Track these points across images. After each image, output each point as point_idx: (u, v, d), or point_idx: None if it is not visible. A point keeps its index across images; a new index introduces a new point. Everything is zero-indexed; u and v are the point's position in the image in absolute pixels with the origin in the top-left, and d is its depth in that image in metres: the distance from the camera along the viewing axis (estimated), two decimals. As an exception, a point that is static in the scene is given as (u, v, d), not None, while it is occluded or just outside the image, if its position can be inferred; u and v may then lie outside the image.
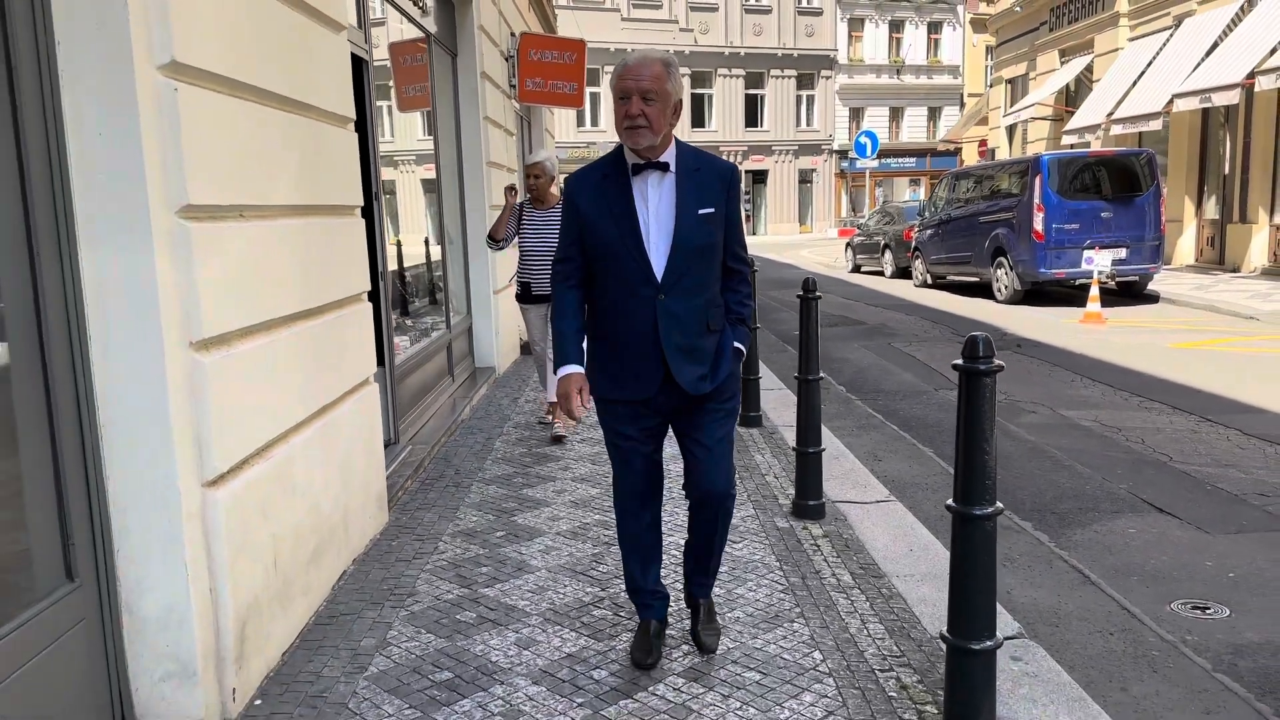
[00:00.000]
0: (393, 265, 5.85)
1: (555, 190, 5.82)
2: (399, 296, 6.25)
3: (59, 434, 2.29)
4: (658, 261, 2.68)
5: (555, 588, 3.55)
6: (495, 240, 5.89)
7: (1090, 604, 3.66)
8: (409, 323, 6.51)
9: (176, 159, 2.43)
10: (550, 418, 5.92)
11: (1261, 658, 3.21)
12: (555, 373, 2.81)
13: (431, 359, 6.60)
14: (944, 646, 2.42)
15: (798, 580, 3.55)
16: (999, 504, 2.31)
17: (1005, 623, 3.20)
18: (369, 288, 4.12)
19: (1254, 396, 6.95)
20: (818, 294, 4.33)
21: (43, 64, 2.25)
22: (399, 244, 6.28)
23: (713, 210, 2.73)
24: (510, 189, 6.09)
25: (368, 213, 4.50)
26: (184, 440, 2.46)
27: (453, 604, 3.41)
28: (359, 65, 4.82)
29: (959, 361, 2.28)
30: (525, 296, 5.86)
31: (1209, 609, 3.58)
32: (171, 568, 2.47)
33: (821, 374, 4.35)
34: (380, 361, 4.70)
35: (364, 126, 4.66)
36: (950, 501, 2.34)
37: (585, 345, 2.85)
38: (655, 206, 2.71)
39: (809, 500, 4.26)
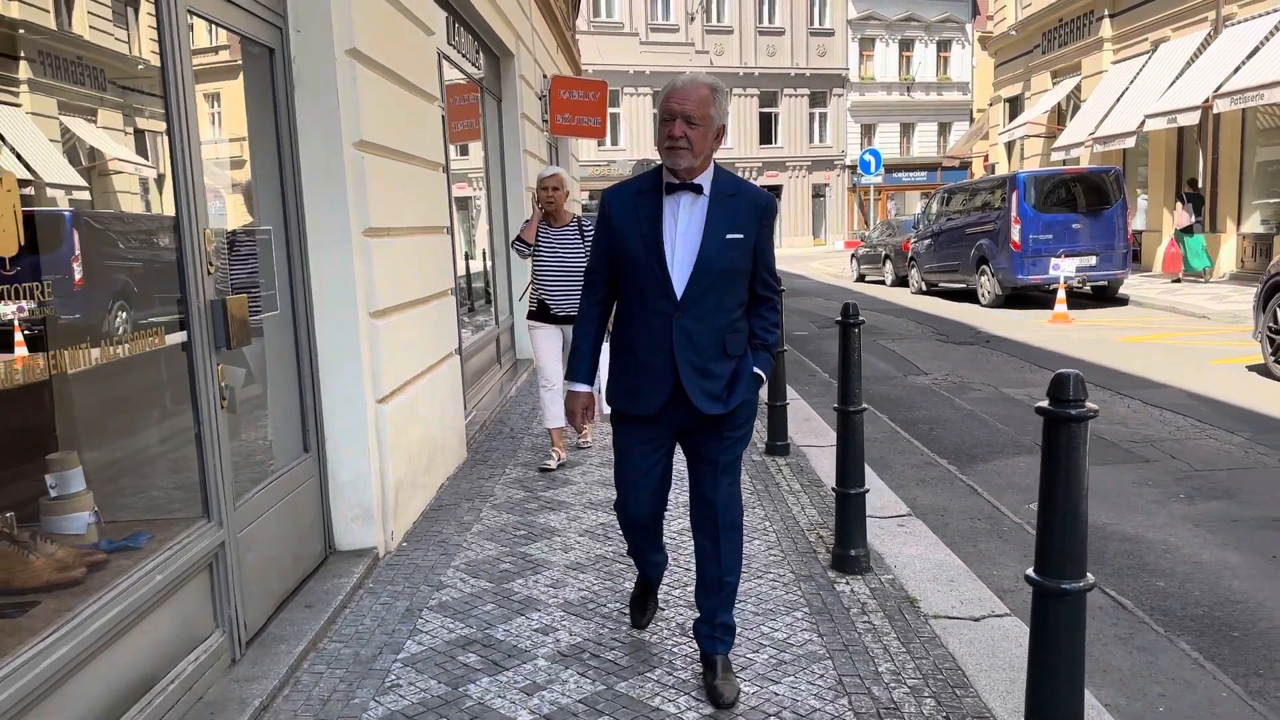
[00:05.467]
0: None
1: (568, 208, 5.82)
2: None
3: (300, 364, 3.83)
4: (679, 281, 2.72)
5: (591, 493, 5.06)
6: (525, 244, 5.62)
7: (971, 504, 5.12)
8: (467, 319, 8.06)
9: (363, 199, 3.97)
10: (553, 449, 5.65)
11: (1078, 532, 4.66)
12: (566, 385, 2.91)
13: (485, 348, 8.16)
14: (834, 496, 3.91)
15: (761, 488, 5.04)
16: (865, 405, 3.81)
17: (901, 509, 4.70)
18: (452, 286, 5.67)
19: (1165, 376, 8.36)
20: (783, 288, 5.82)
21: (294, 143, 3.80)
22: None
23: (741, 236, 2.75)
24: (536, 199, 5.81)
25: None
26: (367, 372, 4.00)
27: (521, 500, 4.94)
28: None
29: (838, 318, 3.78)
30: (540, 315, 5.67)
31: (1054, 507, 5.03)
32: (358, 451, 4.00)
33: (786, 347, 5.84)
34: (455, 343, 6.23)
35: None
36: (835, 404, 3.83)
37: (606, 356, 2.96)
38: (684, 227, 2.74)
39: (777, 441, 5.75)
